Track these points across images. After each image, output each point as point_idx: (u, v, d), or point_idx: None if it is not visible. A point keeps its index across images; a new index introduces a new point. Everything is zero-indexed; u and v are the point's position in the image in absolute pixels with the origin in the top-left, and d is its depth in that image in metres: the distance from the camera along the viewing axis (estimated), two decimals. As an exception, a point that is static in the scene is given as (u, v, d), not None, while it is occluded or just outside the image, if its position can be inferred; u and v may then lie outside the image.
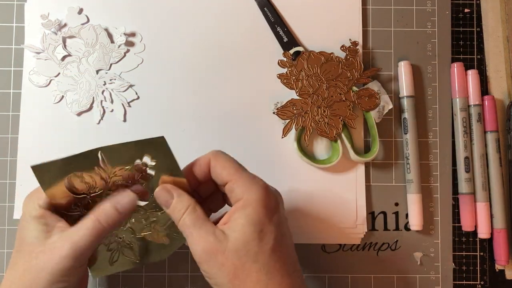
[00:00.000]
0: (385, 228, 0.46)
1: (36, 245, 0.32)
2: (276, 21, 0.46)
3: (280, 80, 0.44)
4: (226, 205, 0.37)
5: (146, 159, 0.33)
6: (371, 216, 0.46)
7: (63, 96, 0.45)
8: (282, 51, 0.46)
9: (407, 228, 0.46)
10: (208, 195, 0.37)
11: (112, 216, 0.33)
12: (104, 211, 0.33)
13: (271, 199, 0.32)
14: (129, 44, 0.46)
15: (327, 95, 0.44)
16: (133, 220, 0.36)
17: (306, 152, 0.45)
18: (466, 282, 0.46)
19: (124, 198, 0.34)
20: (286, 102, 0.44)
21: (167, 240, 0.37)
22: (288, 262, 0.32)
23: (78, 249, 0.31)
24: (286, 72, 0.45)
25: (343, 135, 0.44)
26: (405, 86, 0.46)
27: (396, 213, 0.46)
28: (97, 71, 0.45)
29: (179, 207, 0.33)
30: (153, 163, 0.33)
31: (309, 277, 0.45)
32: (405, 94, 0.46)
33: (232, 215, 0.32)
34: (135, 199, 0.34)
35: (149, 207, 0.35)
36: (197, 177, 0.35)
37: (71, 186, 0.33)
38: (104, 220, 0.33)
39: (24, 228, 0.33)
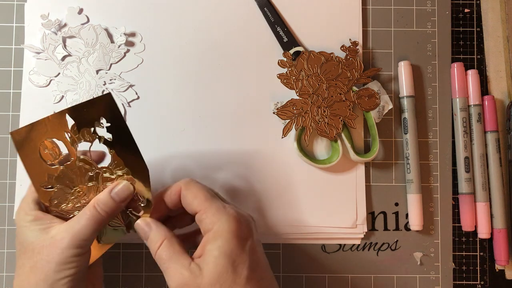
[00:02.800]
0: (385, 228, 0.46)
1: (37, 242, 0.33)
2: (276, 21, 0.46)
3: (280, 80, 0.44)
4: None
5: (102, 120, 0.34)
6: (371, 216, 0.46)
7: (63, 96, 0.45)
8: (282, 51, 0.46)
9: (407, 228, 0.46)
10: (176, 214, 0.38)
11: (108, 204, 0.34)
12: (101, 200, 0.34)
13: (242, 228, 0.32)
14: (129, 44, 0.46)
15: (327, 95, 0.44)
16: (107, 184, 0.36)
17: (306, 152, 0.45)
18: (466, 282, 0.46)
19: (118, 186, 0.35)
20: (286, 102, 0.44)
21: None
22: (263, 287, 0.32)
23: (78, 238, 0.32)
24: (286, 72, 0.44)
25: (343, 135, 0.44)
26: (405, 86, 0.46)
27: (396, 213, 0.46)
28: (97, 71, 0.45)
29: (155, 239, 0.33)
30: (108, 124, 0.34)
31: (309, 277, 0.45)
32: (405, 94, 0.46)
33: (205, 247, 0.32)
34: (129, 186, 0.35)
35: (114, 167, 0.35)
36: (168, 205, 0.36)
37: (43, 154, 0.34)
38: (101, 209, 0.34)
39: (21, 233, 0.34)
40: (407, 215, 0.46)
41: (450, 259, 0.45)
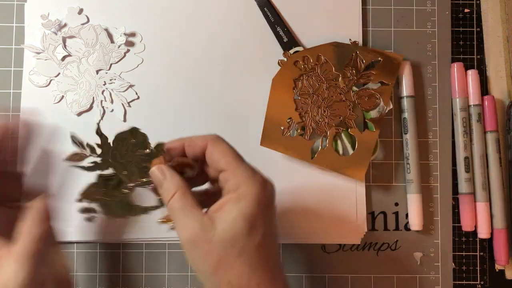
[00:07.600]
0: (385, 228, 0.46)
1: None
2: (276, 21, 0.46)
3: (280, 80, 0.44)
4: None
5: None
6: (371, 216, 0.46)
7: (63, 96, 0.45)
8: (282, 51, 0.46)
9: (407, 228, 0.46)
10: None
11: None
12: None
13: (266, 195, 0.32)
14: (129, 44, 0.46)
15: (327, 95, 0.44)
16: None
17: (306, 152, 0.45)
18: (466, 282, 0.46)
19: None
20: (286, 102, 0.44)
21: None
22: (271, 257, 0.32)
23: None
24: (286, 72, 0.44)
25: (343, 135, 0.44)
26: (405, 86, 0.46)
27: (396, 213, 0.46)
28: (97, 71, 0.45)
29: (169, 188, 0.33)
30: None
31: (309, 277, 0.45)
32: (405, 94, 0.46)
33: (225, 205, 0.31)
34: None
35: None
36: (186, 156, 0.35)
37: None
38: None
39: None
40: (407, 215, 0.46)
41: (450, 259, 0.45)
